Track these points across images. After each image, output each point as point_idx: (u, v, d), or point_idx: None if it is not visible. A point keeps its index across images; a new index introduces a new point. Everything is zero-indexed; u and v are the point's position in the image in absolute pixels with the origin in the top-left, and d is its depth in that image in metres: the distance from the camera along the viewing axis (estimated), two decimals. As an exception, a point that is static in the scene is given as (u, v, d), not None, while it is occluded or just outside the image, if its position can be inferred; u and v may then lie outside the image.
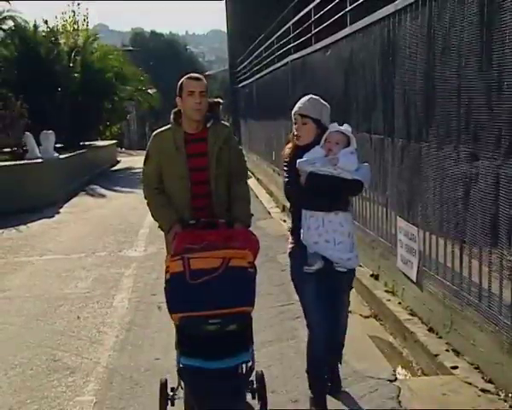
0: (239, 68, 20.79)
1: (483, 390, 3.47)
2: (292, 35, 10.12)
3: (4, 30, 19.12)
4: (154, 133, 3.59)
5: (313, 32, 8.36)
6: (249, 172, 6.14)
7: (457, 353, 3.96)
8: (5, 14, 18.77)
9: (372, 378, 3.78)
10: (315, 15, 8.20)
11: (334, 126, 3.22)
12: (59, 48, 19.22)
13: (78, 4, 21.16)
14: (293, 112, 3.27)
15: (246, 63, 18.40)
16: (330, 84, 7.25)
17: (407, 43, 4.73)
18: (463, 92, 3.81)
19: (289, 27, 10.31)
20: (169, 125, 3.52)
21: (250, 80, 17.08)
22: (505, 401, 3.32)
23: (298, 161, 3.16)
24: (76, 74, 18.97)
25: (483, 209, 3.62)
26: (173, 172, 3.42)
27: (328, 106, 3.31)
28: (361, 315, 4.99)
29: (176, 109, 3.50)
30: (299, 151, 3.23)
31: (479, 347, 3.74)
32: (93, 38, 20.54)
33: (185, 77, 3.46)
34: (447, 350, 4.02)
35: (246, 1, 21.35)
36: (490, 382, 3.55)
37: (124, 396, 3.67)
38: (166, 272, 3.01)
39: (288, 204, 3.49)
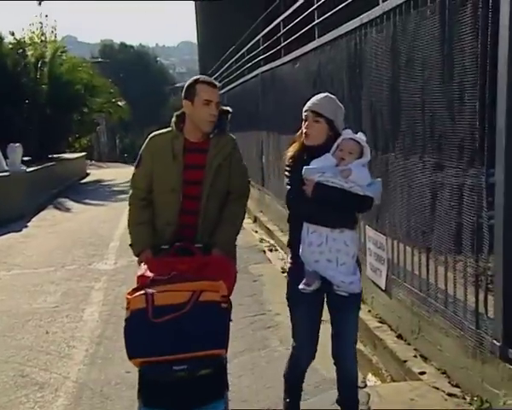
0: (209, 80, 20.80)
1: (450, 394, 3.54)
2: (262, 47, 10.22)
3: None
4: (151, 136, 3.20)
5: (282, 44, 8.45)
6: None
7: (425, 358, 4.03)
8: (-30, 25, 18.49)
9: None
10: (284, 28, 8.30)
11: (348, 133, 2.88)
12: (26, 60, 19.00)
13: (46, 16, 21.01)
14: (304, 108, 2.92)
15: (216, 75, 18.45)
16: (299, 96, 7.32)
17: (373, 55, 4.83)
18: (427, 104, 3.91)
19: (259, 39, 10.41)
20: (168, 129, 3.14)
21: (220, 92, 17.12)
22: (471, 403, 3.40)
23: (305, 167, 2.80)
24: (43, 86, 18.76)
25: (448, 217, 3.71)
26: (166, 182, 3.05)
27: (343, 108, 2.98)
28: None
29: (179, 112, 3.12)
30: (306, 153, 2.90)
31: (445, 352, 3.82)
32: (61, 49, 20.35)
33: (200, 80, 3.05)
34: (415, 356, 4.10)
35: (216, 13, 21.44)
36: (456, 386, 3.63)
37: None
38: (127, 308, 2.67)
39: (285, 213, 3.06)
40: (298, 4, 7.13)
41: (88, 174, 23.37)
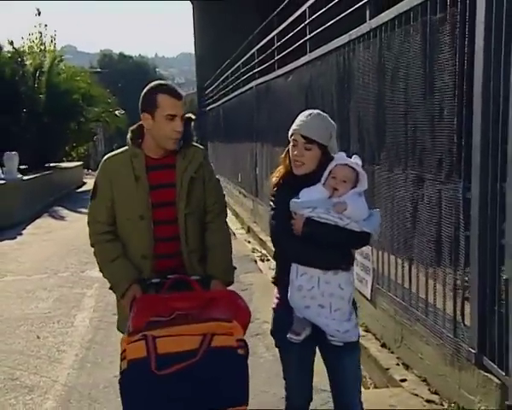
0: (207, 92, 21.03)
1: (428, 401, 3.64)
2: (256, 60, 10.37)
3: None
4: (105, 158, 2.75)
5: (276, 58, 8.60)
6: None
7: (407, 366, 4.14)
8: (-31, 34, 18.64)
9: (325, 391, 3.89)
10: (277, 42, 8.46)
11: (341, 157, 2.49)
12: (24, 69, 19.14)
13: (46, 26, 21.17)
14: (292, 129, 2.53)
15: (213, 87, 18.64)
16: (292, 108, 7.48)
17: (360, 71, 4.97)
18: (410, 118, 4.04)
19: (254, 53, 10.57)
20: (124, 148, 2.73)
21: (217, 104, 17.30)
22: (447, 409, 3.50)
23: (293, 201, 2.44)
24: (41, 95, 18.88)
25: (428, 228, 3.83)
26: (131, 209, 2.63)
27: (335, 127, 2.59)
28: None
29: (135, 127, 2.74)
30: (292, 181, 2.53)
31: (426, 360, 3.92)
32: (59, 59, 20.50)
33: (161, 89, 2.61)
34: (397, 364, 4.20)
35: (213, 25, 21.68)
36: (435, 393, 3.73)
37: None
38: (122, 358, 2.19)
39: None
40: (291, 20, 7.28)
41: (85, 183, 23.45)
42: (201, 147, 2.87)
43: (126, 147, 2.73)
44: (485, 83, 3.07)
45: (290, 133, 2.53)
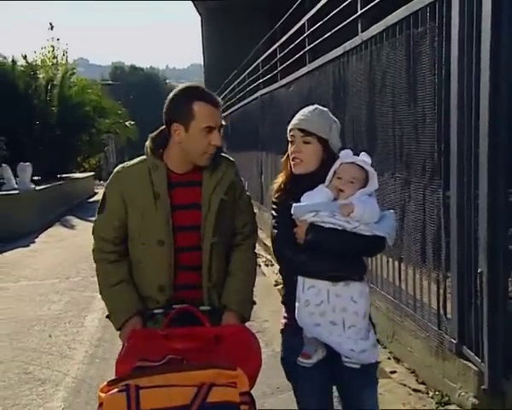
0: (215, 102, 21.34)
1: (415, 390, 3.87)
2: (261, 71, 10.67)
3: (-18, 65, 19.51)
4: (118, 168, 2.36)
5: (278, 69, 8.89)
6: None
7: (398, 360, 4.37)
8: (-16, 49, 19.18)
9: None
10: (280, 53, 8.76)
11: (347, 155, 2.23)
12: (37, 82, 19.62)
13: (58, 39, 21.68)
14: (289, 126, 2.31)
15: (221, 97, 18.98)
16: (293, 117, 7.75)
17: (354, 81, 5.23)
18: (397, 125, 4.29)
19: (259, 64, 10.88)
20: (142, 158, 2.33)
21: (224, 113, 17.63)
22: (432, 397, 3.72)
23: (294, 205, 2.16)
24: (53, 108, 19.34)
25: (415, 229, 4.07)
26: (148, 233, 2.24)
27: (338, 123, 2.34)
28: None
29: (155, 134, 2.33)
30: (294, 185, 2.27)
31: (414, 353, 4.15)
32: (71, 72, 20.98)
33: (198, 96, 2.20)
34: (389, 358, 4.43)
35: (221, 36, 22.03)
36: (422, 383, 3.96)
37: (90, 402, 3.98)
38: None
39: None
40: (291, 32, 7.57)
41: (96, 193, 23.86)
42: (232, 160, 2.40)
43: (144, 157, 2.32)
44: (460, 93, 3.32)
45: (288, 131, 2.30)
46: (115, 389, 1.83)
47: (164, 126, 2.29)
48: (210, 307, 2.26)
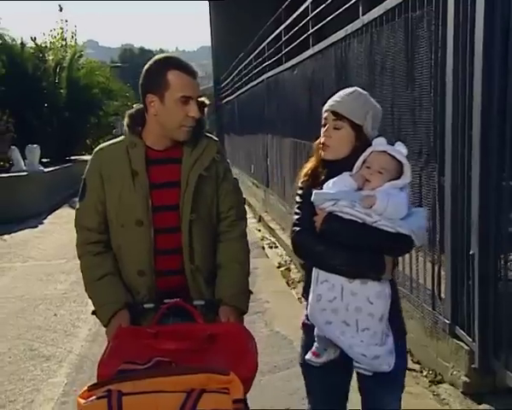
0: (223, 85, 21.36)
1: (409, 369, 3.92)
2: (267, 54, 10.66)
3: (-8, 47, 19.60)
4: (97, 149, 2.28)
5: (283, 51, 8.89)
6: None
7: (394, 340, 4.44)
8: (-7, 32, 19.26)
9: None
10: (285, 36, 8.75)
11: (380, 143, 2.06)
12: (46, 64, 19.69)
13: (66, 21, 21.71)
14: (324, 108, 2.15)
15: (228, 80, 18.98)
16: (298, 100, 7.78)
17: (355, 63, 5.25)
18: (396, 109, 4.32)
19: (265, 47, 10.86)
20: (121, 138, 2.25)
21: (232, 96, 17.64)
22: (426, 376, 3.80)
23: (314, 192, 2.03)
24: (62, 90, 19.43)
25: (412, 211, 4.12)
26: (126, 213, 2.14)
27: (379, 108, 2.16)
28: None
29: (133, 111, 2.26)
30: (325, 171, 2.12)
31: (410, 333, 4.15)
32: (79, 54, 21.02)
33: (173, 65, 2.09)
34: (386, 339, 4.51)
35: (230, 17, 21.94)
36: (417, 362, 4.03)
37: (92, 379, 3.99)
38: None
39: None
40: (295, 15, 7.56)
41: (104, 176, 24.02)
42: (215, 138, 2.32)
43: (121, 137, 2.25)
44: (455, 74, 3.35)
45: (322, 112, 2.15)
46: (94, 396, 1.66)
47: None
48: (204, 302, 2.14)
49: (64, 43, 21.36)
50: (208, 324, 2.06)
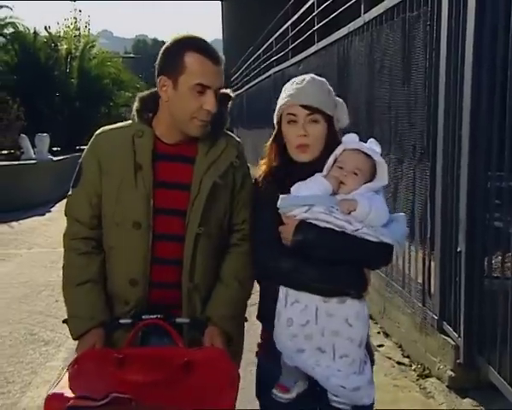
0: (232, 79, 21.43)
1: (399, 363, 4.03)
2: (274, 49, 10.73)
3: (5, 36, 19.75)
4: (98, 132, 1.97)
5: (290, 47, 8.96)
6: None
7: (387, 335, 4.52)
8: (7, 20, 19.43)
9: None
10: (291, 32, 8.81)
11: (351, 140, 1.83)
12: (58, 54, 19.84)
13: (80, 11, 21.82)
14: (283, 102, 1.82)
15: (238, 74, 19.05)
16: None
17: (356, 60, 5.31)
18: (393, 106, 4.39)
19: (272, 42, 10.93)
20: (127, 122, 1.95)
21: (241, 90, 17.70)
22: (414, 370, 3.88)
23: (281, 197, 1.74)
24: (73, 80, 19.59)
25: (406, 207, 4.18)
26: (122, 210, 1.85)
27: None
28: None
29: (146, 94, 1.93)
30: (284, 173, 1.84)
31: (401, 328, 4.30)
32: (91, 44, 21.15)
33: (192, 46, 1.79)
34: (379, 333, 4.59)
35: (240, 11, 22.01)
36: (407, 357, 4.11)
37: None
38: None
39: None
40: (301, 11, 7.62)
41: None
42: (237, 139, 2.01)
43: (129, 122, 1.94)
44: (447, 74, 3.41)
45: (281, 107, 1.82)
46: None
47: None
48: (189, 320, 1.84)
49: (77, 33, 21.48)
50: (187, 348, 1.77)
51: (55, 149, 15.95)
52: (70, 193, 1.97)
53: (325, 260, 1.69)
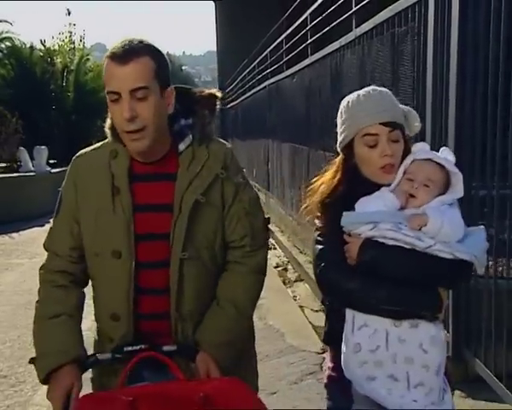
0: (227, 90, 21.71)
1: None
2: (269, 61, 10.98)
3: (2, 51, 20.01)
4: (76, 156, 1.85)
5: (284, 59, 9.21)
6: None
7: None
8: (4, 35, 19.68)
9: (304, 351, 4.54)
10: (286, 45, 9.06)
11: (422, 150, 1.72)
12: (54, 68, 20.09)
13: (75, 25, 22.08)
14: (365, 122, 1.67)
15: (233, 85, 19.33)
16: (297, 107, 8.10)
17: (348, 73, 5.55)
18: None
19: (267, 54, 11.19)
20: (105, 142, 1.79)
21: (236, 102, 17.97)
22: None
23: (344, 214, 1.64)
24: (69, 93, 19.84)
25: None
26: (101, 240, 1.71)
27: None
28: (312, 309, 5.74)
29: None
30: (354, 190, 1.70)
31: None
32: (86, 57, 21.40)
33: (109, 53, 1.63)
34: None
35: (234, 23, 22.28)
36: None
37: None
38: None
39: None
40: (295, 25, 7.87)
41: (110, 178, 24.38)
42: (225, 144, 1.84)
43: (104, 142, 1.79)
44: (434, 89, 3.65)
45: (359, 128, 1.68)
46: None
47: None
48: (175, 347, 1.67)
49: (72, 46, 21.74)
50: (196, 380, 1.61)
51: (52, 161, 16.14)
52: (51, 225, 1.84)
53: (395, 281, 1.58)
